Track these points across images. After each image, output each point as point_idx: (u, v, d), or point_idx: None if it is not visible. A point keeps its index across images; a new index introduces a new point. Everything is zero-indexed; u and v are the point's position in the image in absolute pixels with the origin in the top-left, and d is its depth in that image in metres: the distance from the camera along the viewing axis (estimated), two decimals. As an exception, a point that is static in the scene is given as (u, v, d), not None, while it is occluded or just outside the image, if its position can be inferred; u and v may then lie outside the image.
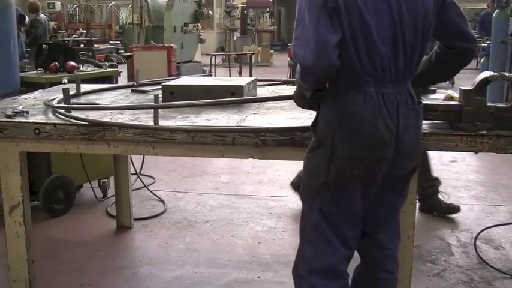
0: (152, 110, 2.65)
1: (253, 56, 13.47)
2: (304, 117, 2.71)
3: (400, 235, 2.42)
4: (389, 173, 2.17)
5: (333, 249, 2.20)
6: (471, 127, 2.41)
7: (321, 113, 2.18)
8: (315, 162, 2.19)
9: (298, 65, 2.10)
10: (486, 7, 13.68)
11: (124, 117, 2.77)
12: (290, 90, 3.80)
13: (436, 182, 4.43)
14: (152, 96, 2.85)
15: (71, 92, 3.09)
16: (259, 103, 3.17)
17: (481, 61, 9.79)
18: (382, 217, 2.32)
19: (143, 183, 4.84)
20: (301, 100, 2.28)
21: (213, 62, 12.05)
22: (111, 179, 4.49)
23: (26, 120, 2.73)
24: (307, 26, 2.01)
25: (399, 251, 2.53)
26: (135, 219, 4.22)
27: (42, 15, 9.79)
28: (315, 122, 2.21)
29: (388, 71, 2.07)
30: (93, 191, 4.67)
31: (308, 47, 2.00)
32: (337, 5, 1.99)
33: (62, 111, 2.78)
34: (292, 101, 3.22)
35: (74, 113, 2.76)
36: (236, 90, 3.11)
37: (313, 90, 2.13)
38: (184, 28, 9.95)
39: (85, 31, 14.92)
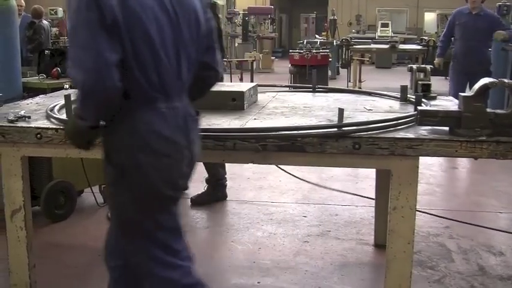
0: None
1: (255, 63, 13.50)
2: (305, 123, 2.72)
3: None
4: None
5: (174, 268, 2.14)
6: (470, 133, 2.42)
7: (112, 138, 2.04)
8: (126, 196, 2.05)
9: (77, 92, 1.94)
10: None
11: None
12: (291, 96, 3.82)
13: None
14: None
15: (73, 98, 3.10)
16: (260, 108, 3.19)
17: (482, 68, 9.79)
18: (174, 229, 2.21)
19: (144, 188, 4.84)
20: (78, 137, 2.11)
21: (214, 69, 12.02)
22: (112, 184, 4.49)
23: (27, 125, 2.74)
24: (83, 46, 1.87)
25: (399, 256, 2.54)
26: (136, 225, 4.22)
27: (44, 22, 9.84)
28: (108, 150, 2.07)
29: (175, 85, 2.04)
30: (94, 196, 4.67)
31: (86, 68, 1.86)
32: (115, 21, 1.87)
33: (63, 117, 2.79)
34: (292, 106, 3.24)
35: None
36: (237, 96, 3.13)
37: (94, 122, 2.00)
38: (186, 34, 9.97)
39: (87, 37, 14.97)
